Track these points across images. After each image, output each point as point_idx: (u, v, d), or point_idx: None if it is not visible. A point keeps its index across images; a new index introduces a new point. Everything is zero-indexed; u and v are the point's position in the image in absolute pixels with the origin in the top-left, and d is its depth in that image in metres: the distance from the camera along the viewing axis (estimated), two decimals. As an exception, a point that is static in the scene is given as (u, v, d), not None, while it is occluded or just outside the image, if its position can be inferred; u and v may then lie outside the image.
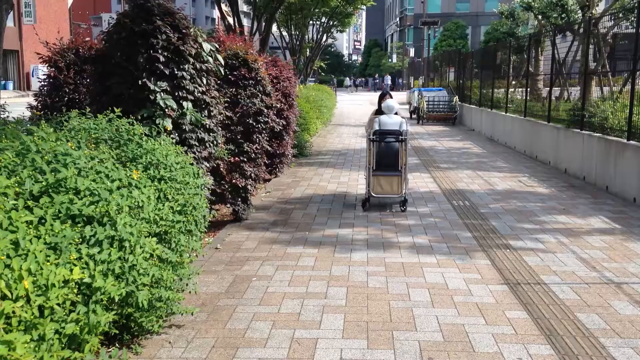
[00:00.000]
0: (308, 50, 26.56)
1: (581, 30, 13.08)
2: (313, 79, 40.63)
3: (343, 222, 6.87)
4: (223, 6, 15.62)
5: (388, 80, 54.24)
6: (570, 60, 14.34)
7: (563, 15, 16.28)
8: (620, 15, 12.80)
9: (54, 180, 2.85)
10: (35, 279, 2.40)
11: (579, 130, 10.24)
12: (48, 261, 2.51)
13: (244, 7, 23.09)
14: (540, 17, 17.70)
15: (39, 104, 6.12)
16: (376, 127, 7.57)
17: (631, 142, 8.30)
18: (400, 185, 7.32)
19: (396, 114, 7.77)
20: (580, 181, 9.71)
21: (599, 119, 9.70)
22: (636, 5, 8.65)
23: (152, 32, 4.52)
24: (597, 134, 9.49)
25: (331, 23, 26.21)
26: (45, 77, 6.23)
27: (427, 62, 39.85)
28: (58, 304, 2.50)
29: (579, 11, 15.90)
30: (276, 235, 6.25)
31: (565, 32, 14.62)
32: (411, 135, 7.18)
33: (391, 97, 7.99)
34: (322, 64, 32.57)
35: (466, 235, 6.29)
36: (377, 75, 66.38)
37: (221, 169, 6.20)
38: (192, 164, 4.26)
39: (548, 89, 12.97)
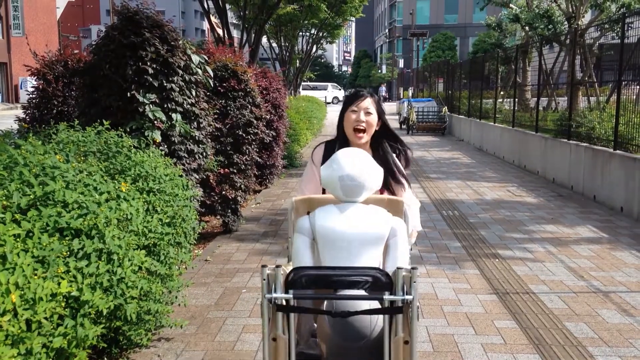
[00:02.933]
0: (298, 61, 26.67)
1: (568, 41, 13.24)
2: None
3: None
4: (212, 18, 15.65)
5: (383, 91, 50.71)
6: (557, 70, 14.51)
7: (550, 27, 16.50)
8: (606, 26, 12.99)
9: (41, 193, 2.84)
10: (22, 292, 2.39)
11: (566, 140, 10.34)
12: (35, 274, 2.50)
13: (233, 19, 23.18)
14: (527, 28, 17.91)
15: (27, 117, 6.08)
16: (305, 259, 2.31)
17: (617, 151, 8.39)
18: None
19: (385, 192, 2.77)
20: (568, 190, 9.79)
21: (586, 129, 9.81)
22: (621, 16, 8.78)
23: (140, 44, 4.53)
24: (584, 144, 9.59)
25: (320, 34, 26.35)
26: (33, 89, 6.21)
27: (416, 73, 40.10)
28: (46, 318, 2.48)
29: (565, 22, 16.13)
30: (266, 247, 6.24)
31: (552, 43, 14.81)
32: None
33: (371, 98, 2.82)
34: (312, 74, 32.69)
35: (455, 245, 6.32)
36: (382, 86, 54.71)
37: (211, 181, 6.19)
38: (181, 176, 4.26)
39: (536, 99, 13.12)
